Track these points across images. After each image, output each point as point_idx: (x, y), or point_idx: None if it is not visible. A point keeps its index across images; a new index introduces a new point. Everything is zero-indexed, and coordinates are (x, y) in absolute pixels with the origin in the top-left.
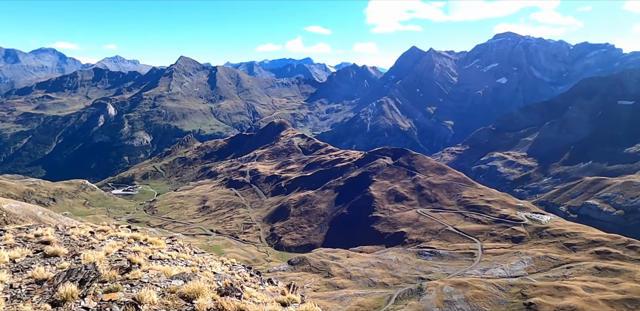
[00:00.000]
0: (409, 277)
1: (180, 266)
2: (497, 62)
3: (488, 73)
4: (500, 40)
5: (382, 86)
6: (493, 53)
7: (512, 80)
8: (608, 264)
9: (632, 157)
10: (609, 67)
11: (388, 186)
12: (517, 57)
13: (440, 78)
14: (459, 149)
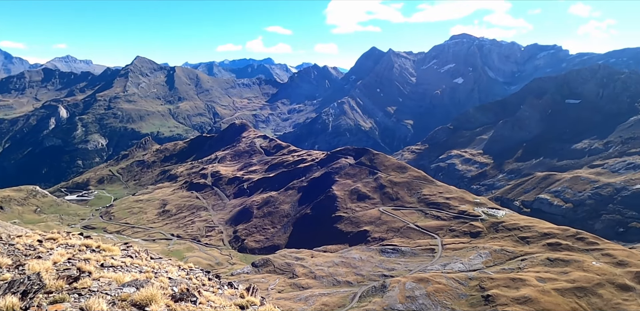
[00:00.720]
0: (372, 275)
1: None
2: (454, 63)
3: (445, 73)
4: (456, 42)
5: (343, 86)
6: (450, 54)
7: (468, 80)
8: (559, 255)
9: (579, 153)
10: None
11: (350, 186)
12: (472, 58)
13: (400, 78)
14: (419, 148)
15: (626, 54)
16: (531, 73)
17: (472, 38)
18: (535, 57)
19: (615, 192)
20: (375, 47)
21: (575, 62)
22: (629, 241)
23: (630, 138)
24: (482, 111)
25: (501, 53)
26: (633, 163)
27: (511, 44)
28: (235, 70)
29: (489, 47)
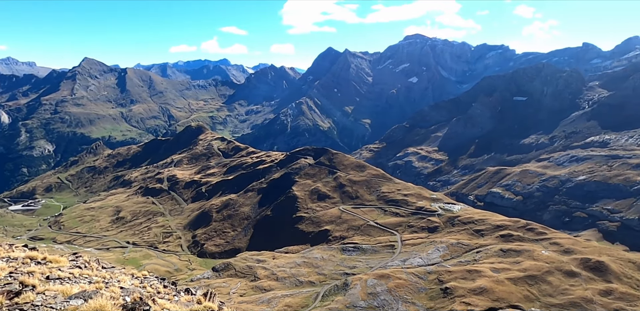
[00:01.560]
0: (334, 273)
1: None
2: (408, 63)
3: (400, 73)
4: (410, 42)
5: (301, 87)
6: (404, 54)
7: (422, 79)
8: (511, 246)
9: (526, 147)
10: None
11: (311, 186)
12: (426, 57)
13: (357, 78)
14: (377, 147)
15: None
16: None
17: (425, 38)
18: (484, 56)
19: (561, 184)
20: (331, 48)
21: (522, 61)
22: (574, 229)
23: (573, 133)
24: (436, 109)
25: (453, 53)
26: (576, 156)
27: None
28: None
29: (442, 47)
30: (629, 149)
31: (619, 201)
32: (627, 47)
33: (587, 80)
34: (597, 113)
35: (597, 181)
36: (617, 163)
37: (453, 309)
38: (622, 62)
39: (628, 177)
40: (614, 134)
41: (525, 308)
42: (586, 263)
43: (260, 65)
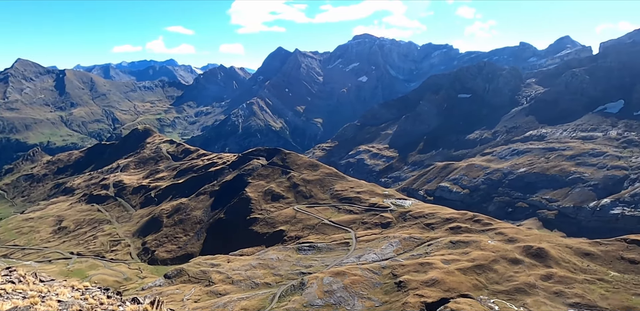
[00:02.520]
0: (290, 274)
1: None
2: (358, 62)
3: (350, 72)
4: (358, 42)
5: (252, 87)
6: (353, 53)
7: (371, 78)
8: (460, 237)
9: (471, 143)
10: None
11: (264, 187)
12: (375, 57)
13: (307, 78)
14: (329, 145)
15: (506, 52)
16: (427, 71)
17: (373, 38)
18: (430, 55)
19: (504, 176)
20: (281, 47)
21: (465, 60)
22: (516, 219)
23: (513, 127)
24: (386, 107)
25: (400, 52)
26: (516, 149)
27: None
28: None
29: (389, 47)
30: (564, 142)
31: (556, 191)
32: (559, 46)
33: (524, 77)
34: (535, 108)
35: (536, 173)
36: (553, 155)
37: (407, 301)
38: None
39: (563, 168)
40: (550, 128)
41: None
42: (528, 250)
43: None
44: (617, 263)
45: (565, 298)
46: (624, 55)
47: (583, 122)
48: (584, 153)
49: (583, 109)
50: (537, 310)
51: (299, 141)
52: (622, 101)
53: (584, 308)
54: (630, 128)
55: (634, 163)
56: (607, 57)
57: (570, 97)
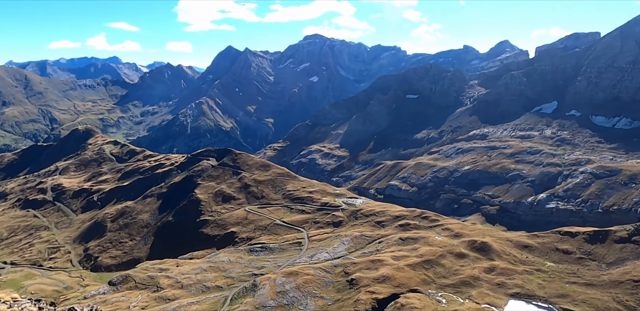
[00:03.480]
0: (242, 276)
1: None
2: (309, 62)
3: (301, 72)
4: (309, 42)
5: (201, 86)
6: (304, 53)
7: (322, 78)
8: (409, 234)
9: (419, 142)
10: (398, 67)
11: (214, 188)
12: (325, 57)
13: (258, 77)
14: (281, 145)
15: (451, 55)
16: (377, 71)
17: (323, 38)
18: (379, 57)
19: (449, 174)
20: (231, 46)
21: (412, 62)
22: (462, 215)
23: (458, 127)
24: (336, 107)
25: (350, 53)
26: (461, 148)
27: (358, 44)
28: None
29: (340, 48)
30: (504, 141)
31: (498, 187)
32: (499, 50)
33: (468, 79)
34: (477, 109)
35: (480, 170)
36: (495, 153)
37: (359, 299)
38: (496, 63)
39: (504, 165)
40: (492, 127)
41: (423, 291)
42: (473, 244)
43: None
44: (553, 254)
45: (506, 289)
46: (556, 59)
47: (521, 122)
48: (523, 151)
49: (521, 110)
50: (481, 301)
51: (250, 141)
52: (556, 102)
53: (523, 298)
54: (563, 127)
55: (567, 160)
56: (541, 60)
57: (510, 98)
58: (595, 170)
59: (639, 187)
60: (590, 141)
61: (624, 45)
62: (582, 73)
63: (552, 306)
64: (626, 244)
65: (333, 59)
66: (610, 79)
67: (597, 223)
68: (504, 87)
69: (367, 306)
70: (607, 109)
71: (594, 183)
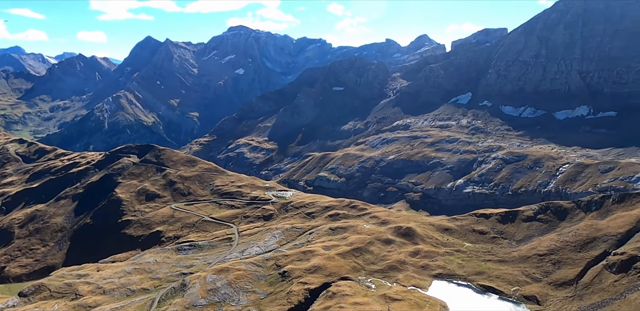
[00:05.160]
0: (170, 276)
1: None
2: (234, 54)
3: (226, 64)
4: (234, 33)
5: (118, 79)
6: (229, 45)
7: (248, 71)
8: (339, 224)
9: (346, 133)
10: (323, 59)
11: (137, 186)
12: (251, 49)
13: (181, 69)
14: (207, 140)
15: (374, 48)
16: (303, 64)
17: (248, 30)
18: (305, 49)
19: (376, 164)
20: (150, 37)
21: (338, 55)
22: (388, 202)
23: (382, 118)
24: (264, 100)
25: (276, 45)
26: (386, 138)
27: (284, 37)
28: None
29: (265, 40)
30: (425, 130)
31: (420, 175)
32: (419, 44)
33: (390, 71)
34: (400, 100)
35: (403, 159)
36: (417, 143)
37: (291, 290)
38: (416, 57)
39: (425, 154)
40: (413, 118)
41: (354, 278)
42: (399, 230)
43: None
44: (470, 235)
45: (430, 270)
46: (470, 53)
47: (440, 113)
48: (442, 140)
49: (440, 101)
50: (408, 283)
51: (174, 136)
52: (470, 93)
53: (445, 277)
54: (477, 117)
55: (481, 147)
56: (457, 54)
57: (429, 90)
58: (505, 156)
59: (542, 170)
60: (501, 129)
61: (528, 41)
62: (492, 66)
63: (471, 284)
64: (532, 223)
65: (259, 51)
66: (517, 71)
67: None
68: (423, 79)
69: (300, 297)
70: (514, 100)
71: (504, 168)
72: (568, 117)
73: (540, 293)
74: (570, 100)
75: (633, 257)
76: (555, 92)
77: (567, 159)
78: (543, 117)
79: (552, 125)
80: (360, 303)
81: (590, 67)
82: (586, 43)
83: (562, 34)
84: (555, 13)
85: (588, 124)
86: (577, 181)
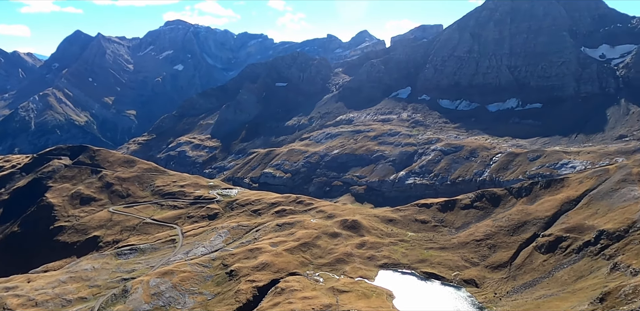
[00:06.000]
0: (110, 282)
1: None
2: (172, 49)
3: (164, 60)
4: (171, 28)
5: (45, 76)
6: (166, 40)
7: (188, 67)
8: (285, 220)
9: (290, 129)
10: (265, 55)
11: (70, 190)
12: (190, 44)
13: (115, 66)
14: (146, 139)
15: (316, 43)
16: (245, 59)
17: (187, 25)
18: (247, 45)
19: (320, 158)
20: (80, 31)
21: (280, 50)
22: (333, 196)
23: (326, 113)
24: (205, 96)
25: (217, 40)
26: (330, 133)
27: (225, 32)
28: None
29: (205, 35)
30: (368, 124)
31: (364, 168)
32: (359, 39)
33: (333, 67)
34: (343, 95)
35: (348, 153)
36: (360, 136)
37: (239, 289)
38: (357, 52)
39: (369, 147)
40: (356, 112)
41: (302, 273)
42: (344, 223)
43: None
44: (413, 224)
45: (376, 261)
46: (408, 48)
47: (382, 107)
48: (384, 133)
49: (381, 95)
50: (355, 275)
51: (110, 136)
52: (410, 87)
53: (390, 267)
54: (416, 111)
55: (420, 139)
56: (396, 50)
57: (371, 84)
58: (443, 147)
59: (478, 160)
60: (439, 122)
61: (461, 37)
62: (429, 61)
63: (415, 271)
64: (470, 210)
65: (198, 46)
66: (452, 66)
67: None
68: (365, 74)
69: (248, 296)
70: (450, 93)
71: (443, 159)
72: (499, 109)
73: (478, 276)
74: (501, 93)
75: (559, 238)
76: (487, 85)
77: (499, 149)
78: (477, 109)
79: (485, 117)
80: (309, 297)
81: (518, 62)
82: (514, 39)
83: (492, 30)
84: (486, 11)
85: (517, 116)
86: (508, 169)
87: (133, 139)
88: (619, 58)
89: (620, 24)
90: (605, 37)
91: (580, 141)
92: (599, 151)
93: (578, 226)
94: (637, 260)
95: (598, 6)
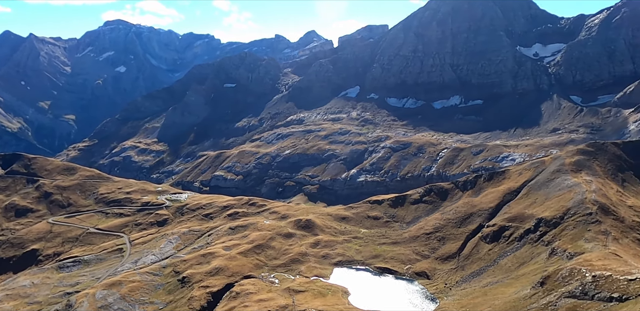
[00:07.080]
0: (52, 298)
1: None
2: (113, 51)
3: (105, 62)
4: (111, 28)
5: None
6: (107, 41)
7: (131, 68)
8: (238, 222)
9: (241, 130)
10: (212, 55)
11: (3, 201)
12: (132, 45)
13: (50, 68)
14: (87, 144)
15: (264, 44)
16: (191, 60)
17: (128, 25)
18: (192, 45)
19: (272, 159)
20: (9, 31)
21: (227, 50)
22: (286, 197)
23: (276, 114)
24: (150, 99)
25: (161, 41)
26: (281, 133)
27: (169, 32)
28: None
29: (148, 35)
30: (318, 124)
31: (316, 167)
32: (307, 39)
33: (282, 67)
34: (293, 95)
35: (299, 153)
36: (311, 136)
37: (192, 296)
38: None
39: (320, 147)
40: (307, 112)
41: (257, 275)
42: (298, 223)
43: None
44: (365, 221)
45: (331, 259)
46: (356, 48)
47: (331, 106)
48: (335, 133)
49: (331, 95)
50: (310, 274)
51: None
52: (358, 86)
53: (345, 264)
54: (365, 109)
55: (370, 137)
56: (344, 49)
57: (320, 84)
58: (392, 145)
59: (425, 156)
60: (387, 119)
61: (406, 36)
62: (377, 61)
63: (369, 267)
64: (419, 205)
65: (141, 47)
66: (398, 65)
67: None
68: (314, 74)
69: (202, 302)
70: (397, 92)
71: (392, 156)
72: (444, 106)
73: (429, 268)
74: (444, 91)
75: (502, 227)
76: (432, 83)
77: (445, 144)
78: (423, 107)
79: (431, 114)
80: (264, 299)
81: (459, 60)
82: (455, 39)
83: (435, 30)
84: (429, 11)
85: (460, 112)
86: (454, 164)
87: (73, 145)
88: (550, 56)
89: (550, 25)
90: (537, 37)
91: (519, 135)
92: (535, 144)
93: (519, 216)
94: (572, 244)
95: (530, 7)
